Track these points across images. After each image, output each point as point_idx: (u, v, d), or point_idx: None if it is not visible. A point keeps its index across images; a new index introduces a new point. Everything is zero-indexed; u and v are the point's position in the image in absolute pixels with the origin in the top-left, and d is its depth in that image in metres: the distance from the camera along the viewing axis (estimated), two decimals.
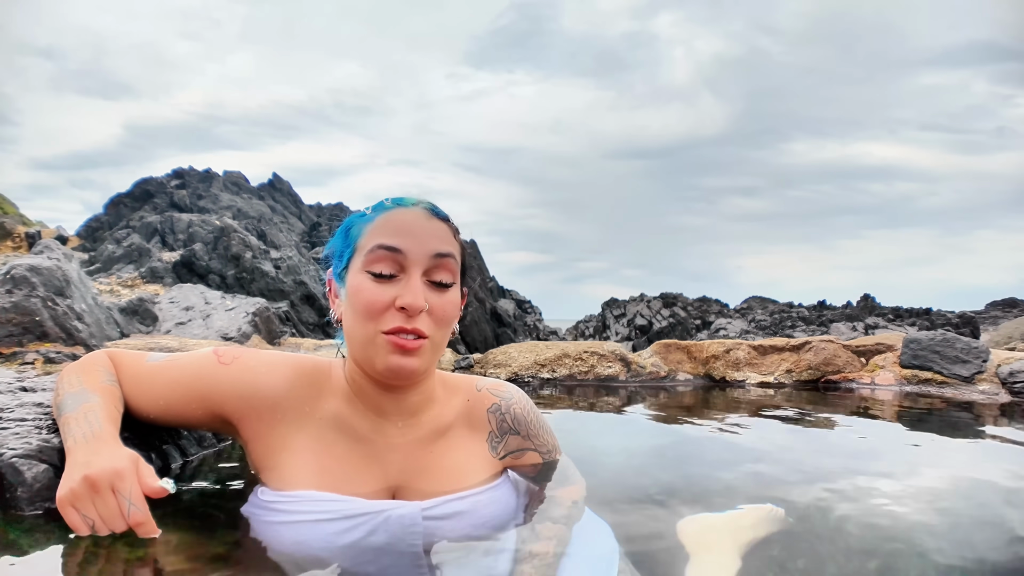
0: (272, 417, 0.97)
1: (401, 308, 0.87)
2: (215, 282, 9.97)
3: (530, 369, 3.15)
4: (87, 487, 0.80)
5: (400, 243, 0.89)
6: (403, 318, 0.87)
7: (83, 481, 0.80)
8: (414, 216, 0.92)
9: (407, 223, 0.91)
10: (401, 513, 0.91)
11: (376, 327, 0.88)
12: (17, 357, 2.35)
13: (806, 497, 1.37)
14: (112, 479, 0.80)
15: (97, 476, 0.80)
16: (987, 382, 2.93)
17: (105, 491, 0.80)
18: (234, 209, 20.05)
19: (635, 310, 27.30)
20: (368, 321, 0.88)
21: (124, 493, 0.80)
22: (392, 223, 0.91)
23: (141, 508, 0.81)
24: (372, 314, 0.88)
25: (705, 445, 1.96)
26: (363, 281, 0.89)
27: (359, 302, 0.89)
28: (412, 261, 0.89)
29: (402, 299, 0.87)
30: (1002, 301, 29.40)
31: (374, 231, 0.91)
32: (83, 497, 0.79)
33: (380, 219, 0.92)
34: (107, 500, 0.79)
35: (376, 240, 0.90)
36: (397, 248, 0.88)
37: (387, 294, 0.88)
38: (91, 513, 0.79)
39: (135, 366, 1.05)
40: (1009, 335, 9.61)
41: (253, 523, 0.94)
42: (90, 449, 0.85)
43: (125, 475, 0.81)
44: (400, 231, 0.90)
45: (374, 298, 0.87)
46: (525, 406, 1.12)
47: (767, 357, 3.30)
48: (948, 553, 1.10)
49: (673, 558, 1.08)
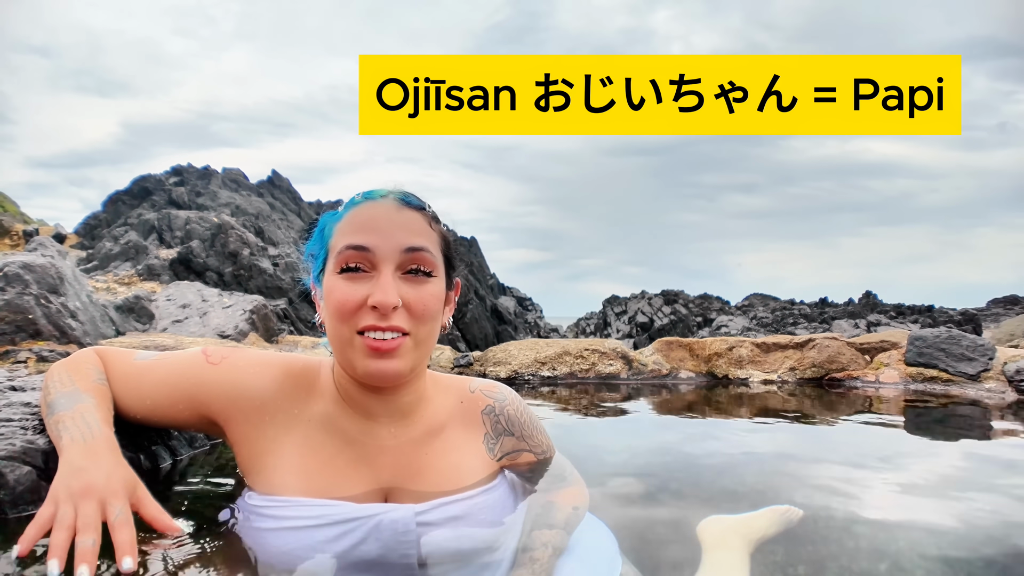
0: (259, 419, 0.94)
1: (373, 307, 0.83)
2: (212, 279, 9.94)
3: (530, 367, 3.12)
4: (79, 496, 0.76)
5: (367, 240, 0.85)
6: (376, 316, 0.84)
7: (78, 491, 0.76)
8: (384, 209, 0.89)
9: (375, 218, 0.87)
10: (393, 518, 0.88)
11: (350, 328, 0.85)
12: (10, 356, 2.32)
13: (812, 497, 1.35)
14: (105, 496, 0.77)
15: (90, 487, 0.77)
16: (993, 380, 2.90)
17: (92, 501, 0.76)
18: (232, 206, 20.02)
19: (636, 307, 27.30)
20: (342, 323, 0.85)
21: (115, 509, 0.77)
22: (359, 219, 0.88)
23: (128, 519, 0.76)
24: (344, 314, 0.85)
25: (708, 444, 1.93)
26: (335, 282, 0.86)
27: (331, 304, 0.86)
28: (381, 258, 0.85)
29: (373, 297, 0.83)
30: (1004, 298, 29.43)
31: (343, 230, 0.88)
32: (67, 501, 0.75)
33: (348, 216, 0.89)
34: (89, 509, 0.75)
35: (344, 240, 0.86)
36: (364, 247, 0.85)
37: (359, 293, 0.84)
38: (68, 515, 0.74)
39: (123, 365, 1.02)
40: (1012, 332, 9.60)
41: (239, 528, 0.91)
42: (88, 450, 0.82)
43: (119, 496, 0.78)
44: (367, 227, 0.86)
45: (345, 298, 0.84)
46: (519, 407, 1.09)
47: (770, 355, 3.26)
48: (954, 554, 1.09)
49: (678, 557, 1.06)
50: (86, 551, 0.70)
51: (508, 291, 25.81)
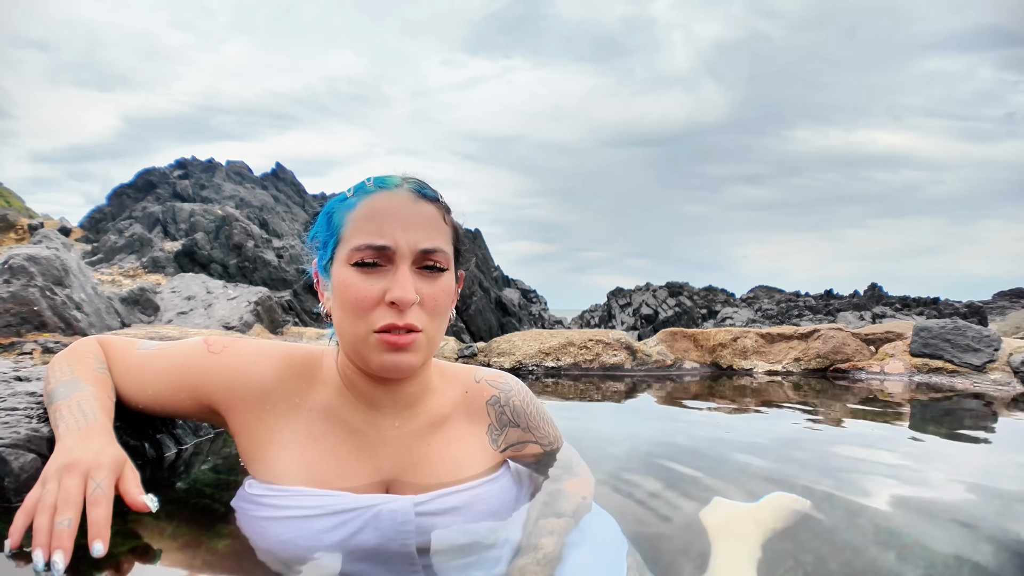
0: (261, 408, 0.94)
1: (391, 303, 0.82)
2: (217, 271, 9.97)
3: (534, 358, 3.11)
4: (64, 469, 0.76)
5: (386, 240, 0.83)
6: (394, 314, 0.82)
7: (64, 465, 0.76)
8: (399, 201, 0.86)
9: (391, 211, 0.85)
10: (392, 508, 0.88)
11: (367, 326, 0.83)
12: (16, 347, 2.33)
13: (816, 487, 1.35)
14: (90, 468, 0.77)
15: (77, 461, 0.77)
16: (999, 371, 2.89)
17: (76, 475, 0.76)
18: (237, 199, 20.04)
19: (641, 299, 27.26)
20: (358, 319, 0.84)
21: (96, 481, 0.76)
22: (374, 212, 0.85)
23: (106, 493, 0.75)
24: (361, 311, 0.83)
25: (712, 434, 1.93)
26: (349, 275, 0.84)
27: (347, 299, 0.84)
28: (399, 255, 0.84)
29: (391, 293, 0.82)
30: (1010, 291, 29.24)
31: (357, 221, 0.86)
32: (52, 479, 0.75)
33: (362, 206, 0.86)
34: (72, 483, 0.74)
35: (361, 237, 0.84)
36: (383, 247, 0.83)
37: (375, 287, 0.83)
38: (51, 493, 0.73)
39: (125, 354, 1.03)
40: (1017, 325, 9.54)
41: (240, 517, 0.91)
42: (82, 436, 0.83)
43: (104, 468, 0.78)
44: (385, 222, 0.84)
45: (362, 294, 0.83)
46: (525, 398, 1.08)
47: (775, 345, 3.25)
48: (960, 544, 1.09)
49: (682, 547, 1.06)
50: (62, 534, 0.69)
51: (512, 283, 25.80)
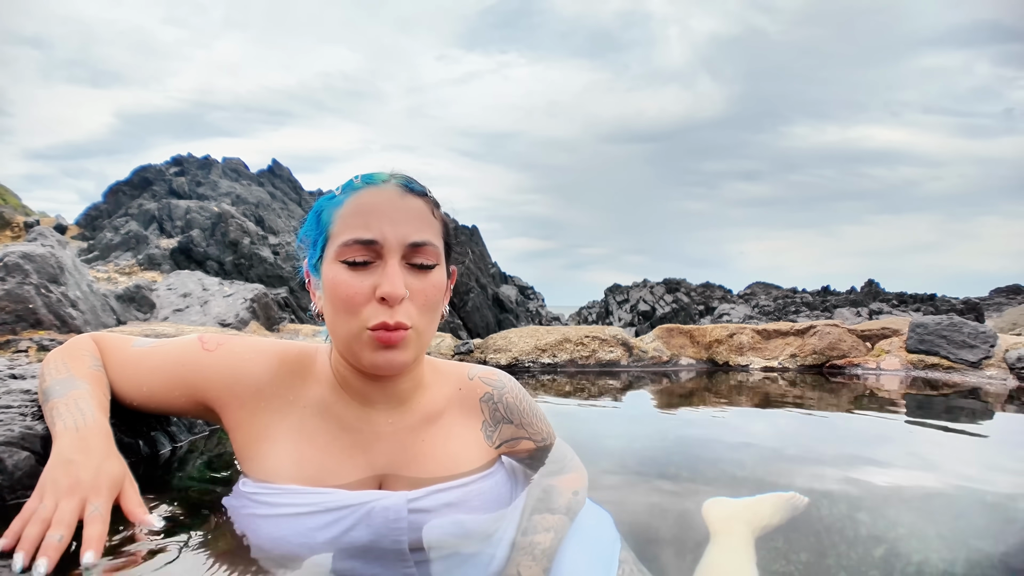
0: (255, 405, 0.93)
1: (381, 298, 0.82)
2: (213, 268, 9.95)
3: (531, 354, 3.11)
4: (63, 492, 0.76)
5: (374, 234, 0.83)
6: (385, 311, 0.82)
7: (64, 488, 0.77)
8: (387, 196, 0.86)
9: (379, 206, 0.85)
10: (385, 505, 0.88)
11: (360, 323, 0.83)
12: (10, 345, 2.32)
13: (811, 483, 1.36)
14: (89, 493, 0.77)
15: (76, 484, 0.77)
16: (995, 367, 2.90)
17: (74, 499, 0.76)
18: (233, 196, 19.99)
19: (638, 296, 27.29)
20: (350, 316, 0.84)
21: (94, 504, 0.77)
22: (362, 207, 0.85)
23: (103, 515, 0.77)
24: (352, 308, 0.83)
25: (708, 430, 1.93)
26: (338, 272, 0.84)
27: (337, 296, 0.84)
28: (388, 249, 0.84)
29: (381, 288, 0.82)
30: (1006, 288, 29.33)
31: (345, 217, 0.86)
32: (51, 496, 0.76)
33: (350, 203, 0.87)
34: (69, 506, 0.76)
35: (349, 233, 0.84)
36: (371, 240, 0.83)
37: (365, 284, 0.83)
38: (47, 509, 0.74)
39: (120, 351, 1.02)
40: (1014, 322, 9.58)
41: (233, 515, 0.91)
42: (80, 440, 0.82)
43: (103, 494, 0.79)
44: (372, 216, 0.84)
45: (352, 291, 0.83)
46: (517, 394, 1.08)
47: (771, 342, 3.26)
48: (954, 540, 1.09)
49: (676, 541, 1.06)
50: (50, 545, 0.71)
51: (510, 280, 25.80)
